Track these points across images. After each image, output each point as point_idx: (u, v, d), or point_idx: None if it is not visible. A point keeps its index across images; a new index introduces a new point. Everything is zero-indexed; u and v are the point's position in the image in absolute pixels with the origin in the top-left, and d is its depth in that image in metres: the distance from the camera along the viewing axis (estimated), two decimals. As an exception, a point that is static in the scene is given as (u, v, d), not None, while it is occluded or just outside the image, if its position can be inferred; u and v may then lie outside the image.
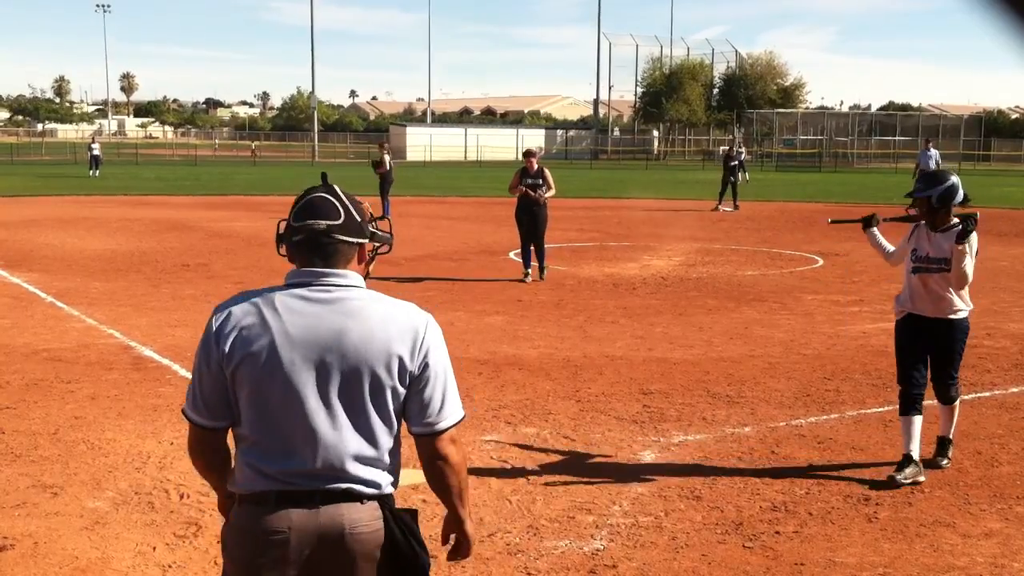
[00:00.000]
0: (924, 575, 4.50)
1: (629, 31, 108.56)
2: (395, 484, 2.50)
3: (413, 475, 5.76)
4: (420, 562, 2.48)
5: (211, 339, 2.41)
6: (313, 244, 2.42)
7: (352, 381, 2.37)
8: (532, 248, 13.44)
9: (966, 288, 5.74)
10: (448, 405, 2.51)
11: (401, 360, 2.40)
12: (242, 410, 2.41)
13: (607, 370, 8.35)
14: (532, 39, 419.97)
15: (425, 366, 2.44)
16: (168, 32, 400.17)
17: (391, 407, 2.42)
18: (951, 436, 6.12)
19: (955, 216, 5.74)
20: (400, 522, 2.46)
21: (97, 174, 40.35)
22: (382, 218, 2.63)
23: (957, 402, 6.05)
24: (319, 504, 2.36)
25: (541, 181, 13.18)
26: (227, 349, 2.37)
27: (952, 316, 5.77)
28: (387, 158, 23.40)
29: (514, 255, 16.09)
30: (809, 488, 5.58)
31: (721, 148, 28.81)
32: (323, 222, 2.42)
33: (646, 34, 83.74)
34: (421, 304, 2.57)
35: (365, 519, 2.39)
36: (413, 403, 2.46)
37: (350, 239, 2.45)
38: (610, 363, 8.61)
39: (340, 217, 2.44)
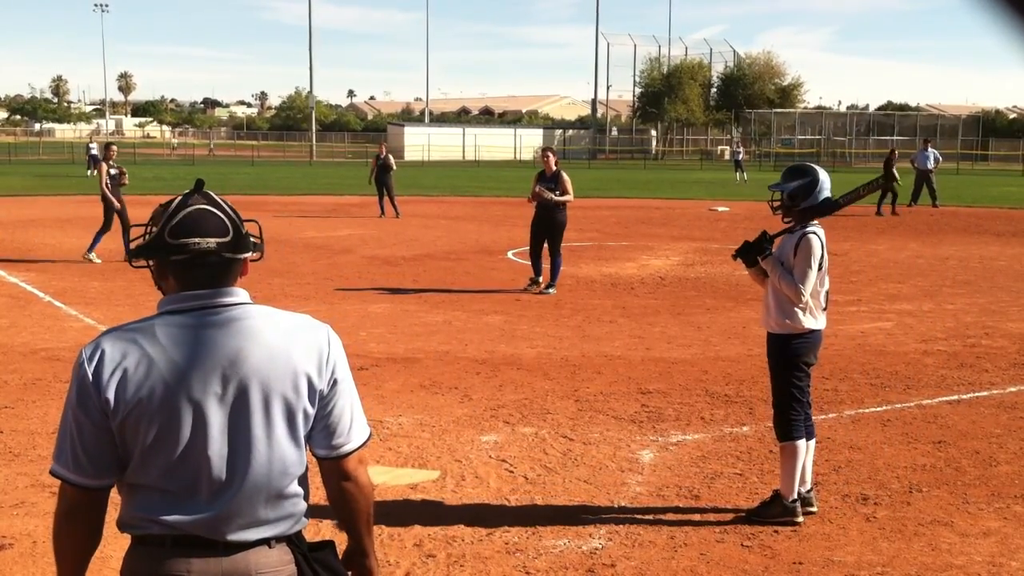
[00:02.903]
0: (922, 574, 4.50)
1: (627, 31, 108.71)
2: (306, 515, 2.28)
3: (412, 474, 5.78)
4: None
5: (87, 388, 2.10)
6: (200, 265, 2.13)
7: (260, 410, 2.14)
8: (543, 255, 12.39)
9: (799, 302, 4.91)
10: (356, 424, 2.28)
11: (309, 379, 2.18)
12: (135, 460, 2.14)
13: (605, 370, 8.35)
14: (530, 39, 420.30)
15: (334, 383, 2.22)
16: (166, 32, 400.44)
17: (302, 432, 2.20)
18: (777, 493, 5.07)
19: (810, 224, 5.00)
20: (313, 562, 2.24)
21: (95, 174, 40.34)
22: (250, 220, 2.32)
23: (786, 444, 5.02)
24: (222, 554, 2.14)
25: (555, 186, 12.07)
26: (111, 397, 2.08)
27: (771, 331, 5.07)
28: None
29: (513, 255, 16.11)
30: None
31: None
32: (212, 240, 2.13)
33: (644, 34, 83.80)
34: (420, 302, 2.57)
35: (273, 564, 2.18)
36: (320, 424, 2.23)
37: (240, 256, 2.19)
38: (608, 363, 8.61)
39: (229, 233, 2.16)
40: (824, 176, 5.00)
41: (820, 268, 4.95)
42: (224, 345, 2.12)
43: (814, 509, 5.17)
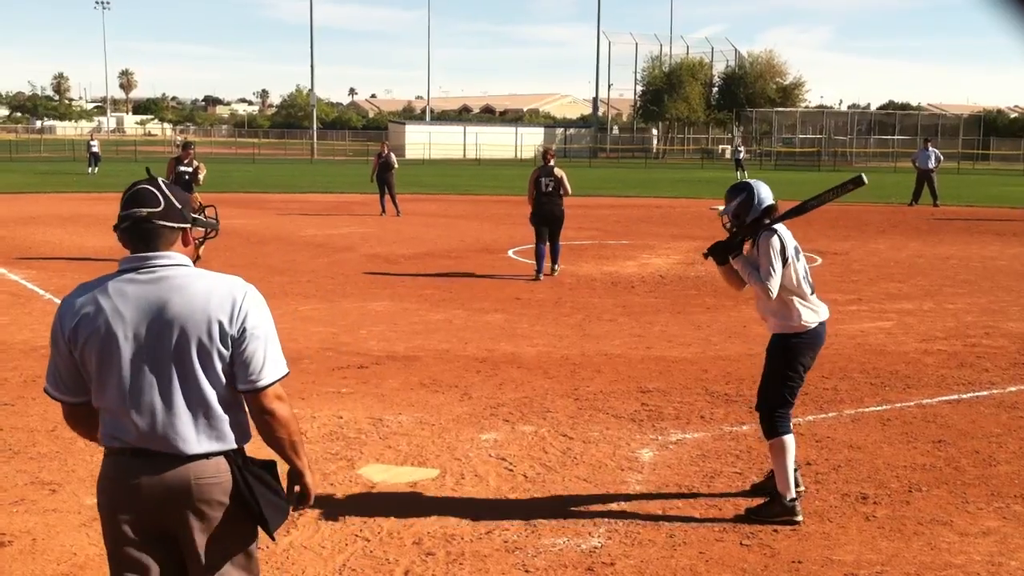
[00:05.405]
0: (921, 573, 4.50)
1: (629, 29, 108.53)
2: (242, 439, 2.78)
3: (411, 472, 5.78)
4: (266, 509, 2.76)
5: (57, 327, 2.75)
6: (136, 230, 2.74)
7: (180, 349, 2.67)
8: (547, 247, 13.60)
9: (769, 299, 5.06)
10: (270, 363, 2.75)
11: (221, 325, 2.68)
12: (93, 386, 2.73)
13: (605, 368, 8.35)
14: (531, 37, 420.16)
15: (244, 329, 2.71)
16: (167, 29, 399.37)
17: (219, 368, 2.70)
18: (775, 490, 5.09)
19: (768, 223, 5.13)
20: (249, 472, 2.75)
21: (96, 171, 40.29)
22: (209, 206, 2.90)
23: (775, 441, 5.08)
24: (167, 464, 2.67)
25: None
26: (71, 334, 2.70)
27: (772, 331, 5.23)
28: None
29: (513, 253, 16.10)
30: (807, 486, 5.57)
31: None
32: (144, 209, 2.73)
33: (646, 32, 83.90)
34: (420, 300, 2.60)
35: (210, 472, 2.70)
36: (237, 363, 2.72)
37: (170, 224, 2.75)
38: (608, 361, 8.61)
39: (160, 205, 2.74)
40: (759, 187, 5.18)
41: (786, 261, 5.06)
42: (155, 296, 2.68)
43: (802, 489, 5.27)
